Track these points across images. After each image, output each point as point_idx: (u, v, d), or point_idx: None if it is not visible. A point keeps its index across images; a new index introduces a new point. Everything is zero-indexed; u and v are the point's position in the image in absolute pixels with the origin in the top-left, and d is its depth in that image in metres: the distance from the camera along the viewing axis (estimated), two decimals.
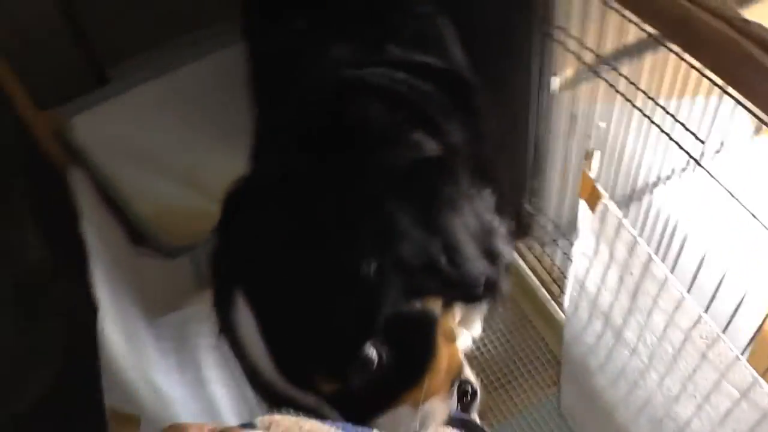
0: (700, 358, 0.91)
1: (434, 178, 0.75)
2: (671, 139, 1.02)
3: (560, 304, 1.55)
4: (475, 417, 0.71)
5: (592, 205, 1.01)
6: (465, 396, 0.71)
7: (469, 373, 0.74)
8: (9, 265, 1.22)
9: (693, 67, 0.90)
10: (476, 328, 0.85)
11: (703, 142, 1.00)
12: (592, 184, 0.98)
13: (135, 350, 1.04)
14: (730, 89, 0.83)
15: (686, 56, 0.90)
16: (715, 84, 0.88)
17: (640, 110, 1.06)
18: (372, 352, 0.63)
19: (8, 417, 1.07)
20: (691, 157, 1.00)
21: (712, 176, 0.94)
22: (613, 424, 1.26)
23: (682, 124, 1.01)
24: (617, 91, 1.09)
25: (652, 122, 1.04)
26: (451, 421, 0.66)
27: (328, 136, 0.80)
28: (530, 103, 1.37)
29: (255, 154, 0.90)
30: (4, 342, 1.12)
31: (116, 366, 0.96)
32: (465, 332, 0.81)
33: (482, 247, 0.76)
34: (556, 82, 1.28)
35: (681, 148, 1.01)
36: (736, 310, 0.93)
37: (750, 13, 0.80)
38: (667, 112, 1.02)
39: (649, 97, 1.03)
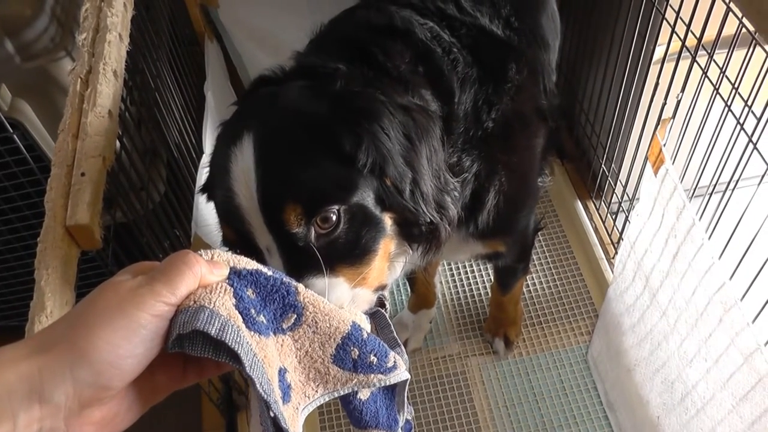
0: (717, 322, 1.00)
1: (426, 125, 0.87)
2: (752, 142, 1.04)
3: (611, 265, 1.63)
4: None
5: (656, 169, 1.09)
6: (381, 306, 0.81)
7: (387, 294, 0.86)
8: None
9: None
10: (392, 275, 0.91)
11: None
12: (659, 148, 1.06)
13: None
14: None
15: None
16: None
17: (726, 104, 1.08)
18: (334, 215, 0.75)
19: None
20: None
21: None
22: (631, 381, 1.36)
23: None
24: (708, 79, 1.14)
25: (737, 120, 1.06)
26: (367, 311, 0.77)
27: (358, 59, 0.93)
28: (627, 67, 1.44)
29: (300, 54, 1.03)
30: None
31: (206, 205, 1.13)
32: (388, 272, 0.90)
33: (436, 197, 0.87)
34: (657, 53, 1.35)
35: (759, 153, 1.02)
36: (753, 281, 1.00)
37: None
38: (755, 116, 1.03)
39: (742, 97, 1.05)
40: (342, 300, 0.76)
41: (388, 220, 0.82)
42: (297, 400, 0.60)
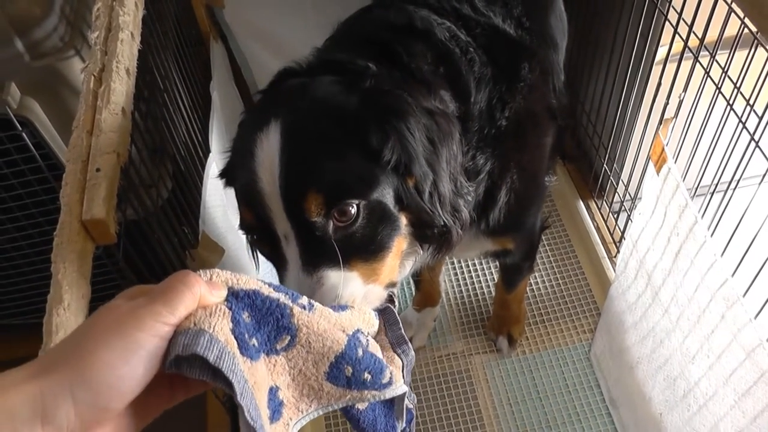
0: (719, 318, 1.01)
1: (448, 130, 0.88)
2: (753, 140, 1.05)
3: (613, 264, 1.64)
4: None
5: (658, 168, 1.11)
6: (390, 303, 0.82)
7: (396, 292, 0.86)
8: None
9: None
10: (402, 273, 0.90)
11: None
12: (662, 147, 1.08)
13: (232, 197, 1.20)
14: None
15: None
16: None
17: (729, 103, 1.10)
18: (354, 208, 0.75)
19: None
20: None
21: None
22: (633, 378, 1.37)
23: None
24: (711, 79, 1.15)
25: (739, 119, 1.08)
26: (376, 307, 0.78)
27: (383, 59, 0.93)
28: (629, 68, 1.45)
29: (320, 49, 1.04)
30: None
31: (214, 203, 1.13)
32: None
33: (451, 201, 0.88)
34: (659, 54, 1.36)
35: (762, 151, 1.03)
36: (755, 277, 1.02)
37: None
38: (757, 115, 1.04)
39: (744, 97, 1.07)
40: (355, 295, 0.77)
41: (403, 219, 0.82)
42: (289, 416, 0.60)
